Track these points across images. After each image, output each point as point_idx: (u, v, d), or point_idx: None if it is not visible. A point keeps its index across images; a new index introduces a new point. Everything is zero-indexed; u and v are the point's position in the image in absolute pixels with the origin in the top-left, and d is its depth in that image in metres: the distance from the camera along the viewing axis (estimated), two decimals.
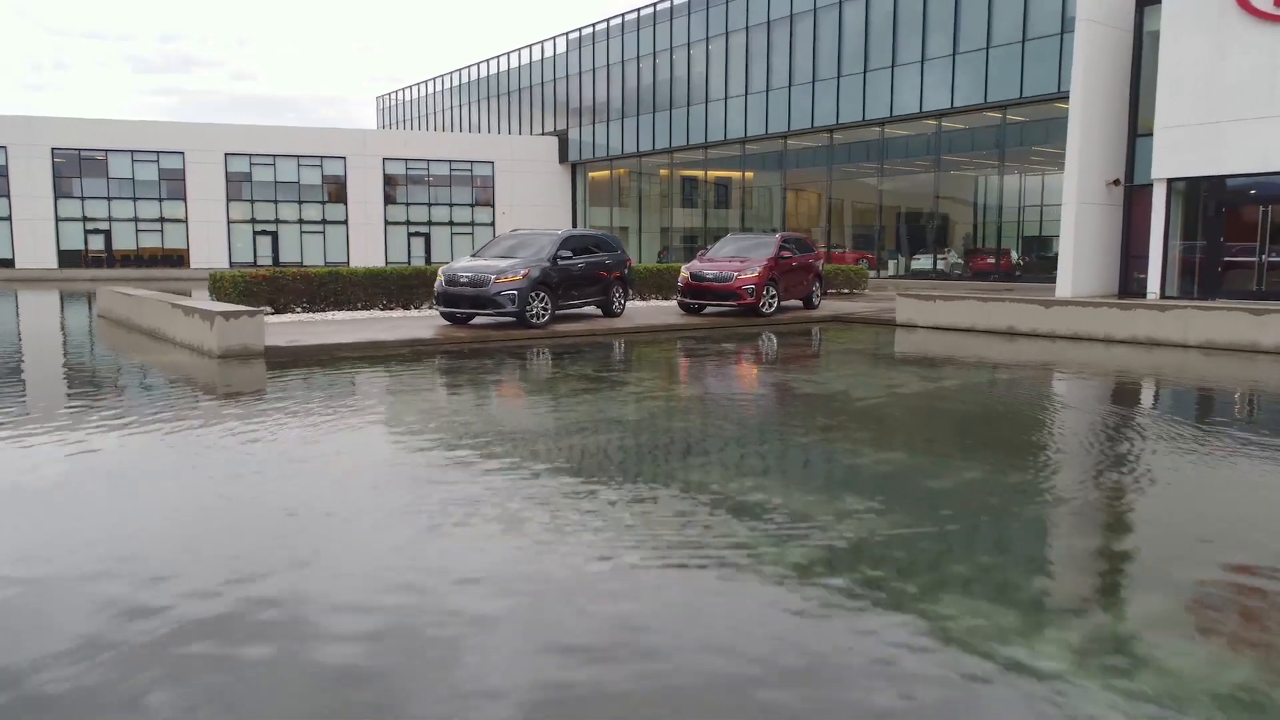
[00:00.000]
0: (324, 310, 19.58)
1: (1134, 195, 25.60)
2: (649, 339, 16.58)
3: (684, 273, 19.76)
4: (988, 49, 35.42)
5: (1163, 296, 23.56)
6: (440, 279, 16.85)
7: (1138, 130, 25.75)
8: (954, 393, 10.49)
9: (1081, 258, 24.93)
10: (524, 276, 16.35)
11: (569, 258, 17.45)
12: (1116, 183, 25.50)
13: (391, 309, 20.31)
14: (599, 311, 19.23)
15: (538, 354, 14.31)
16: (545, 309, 16.69)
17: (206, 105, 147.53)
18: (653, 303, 23.52)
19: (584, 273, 18.04)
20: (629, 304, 21.81)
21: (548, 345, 15.36)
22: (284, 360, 12.96)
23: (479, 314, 16.65)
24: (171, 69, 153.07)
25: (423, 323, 17.42)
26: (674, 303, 22.84)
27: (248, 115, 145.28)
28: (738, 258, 19.95)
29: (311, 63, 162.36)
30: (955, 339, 16.62)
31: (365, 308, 20.12)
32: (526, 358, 13.81)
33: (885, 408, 9.42)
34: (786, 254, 20.14)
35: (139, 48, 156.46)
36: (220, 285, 19.04)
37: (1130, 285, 25.47)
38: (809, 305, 21.71)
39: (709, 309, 19.97)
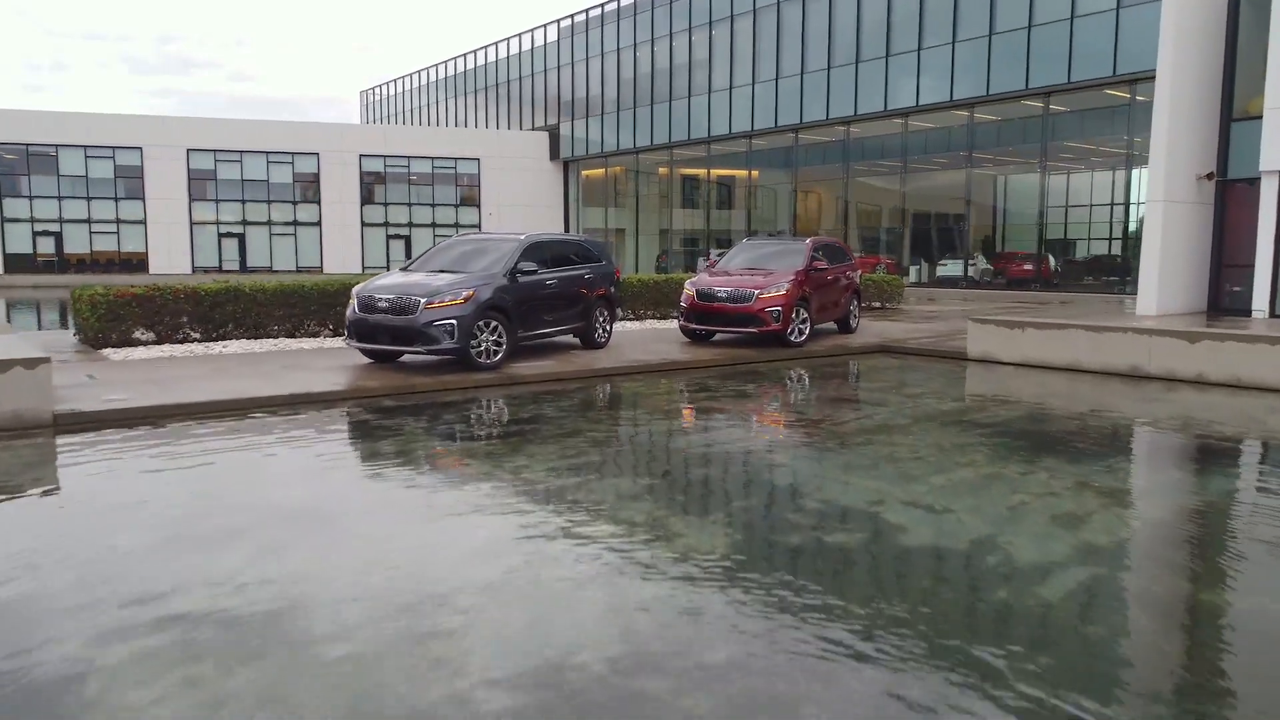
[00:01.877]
0: (222, 339, 14.68)
1: (1228, 192, 20.68)
2: (641, 387, 11.68)
3: (688, 289, 14.85)
4: (1030, 28, 30.51)
5: (1272, 314, 18.76)
6: (353, 302, 11.95)
7: (1232, 114, 20.86)
8: (1209, 543, 5.62)
9: (1168, 267, 20.03)
10: (467, 299, 11.44)
11: (533, 271, 12.53)
12: (1210, 176, 20.59)
13: (317, 334, 15.40)
14: (577, 341, 14.35)
15: (470, 421, 9.41)
16: (499, 343, 11.79)
17: (205, 106, 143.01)
18: (648, 324, 18.59)
19: (556, 291, 13.14)
20: (619, 325, 16.91)
21: (493, 401, 10.47)
22: (82, 435, 8.06)
23: (407, 351, 11.74)
24: (170, 70, 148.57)
25: (335, 360, 12.52)
26: (674, 324, 17.97)
27: (246, 116, 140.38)
28: (758, 270, 15.03)
29: (310, 63, 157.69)
30: (1062, 384, 11.72)
31: (281, 333, 15.22)
32: (449, 430, 8.89)
33: (1112, 619, 4.54)
34: (819, 265, 15.24)
35: (137, 49, 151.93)
36: (79, 307, 14.12)
37: (1222, 300, 20.58)
38: (845, 329, 16.79)
39: (720, 334, 15.09)
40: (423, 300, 11.28)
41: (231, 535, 5.37)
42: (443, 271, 12.31)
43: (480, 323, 11.56)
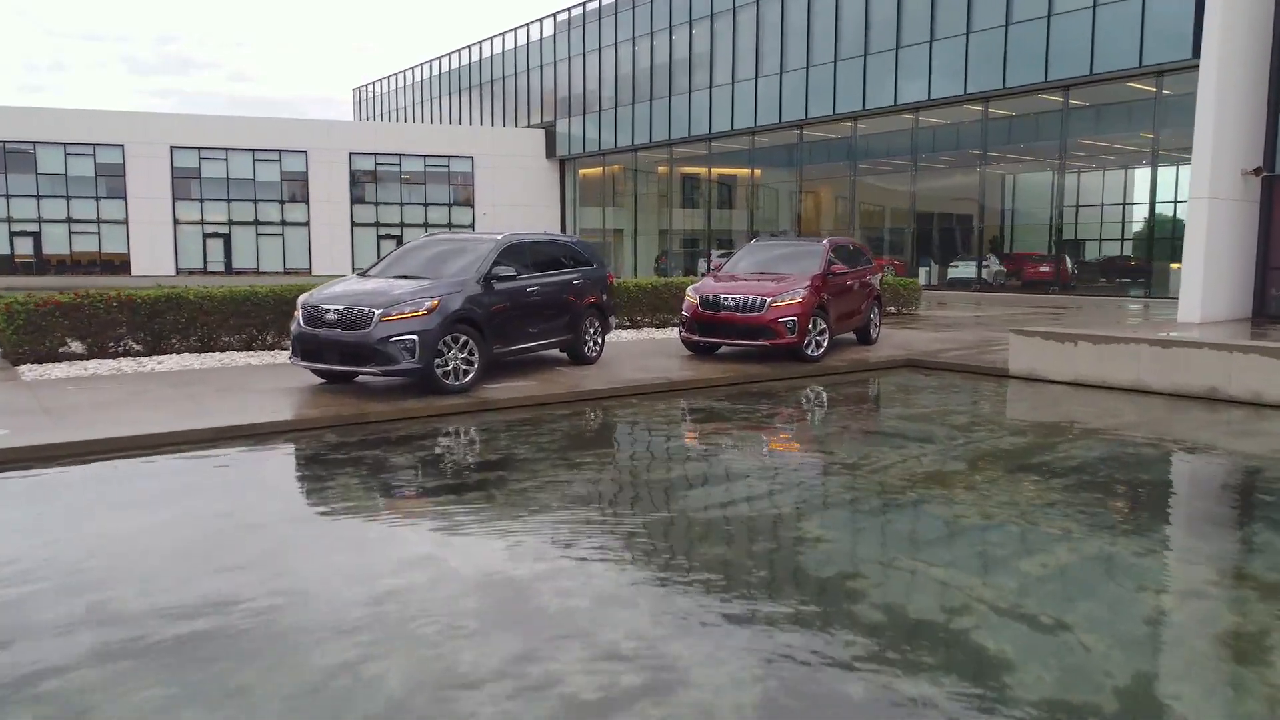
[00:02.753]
0: (164, 352, 12.87)
1: (1276, 188, 18.88)
2: (636, 414, 9.86)
3: (691, 297, 13.01)
4: (1049, 17, 28.68)
5: None
6: (298, 314, 10.11)
7: None
8: None
9: (1212, 270, 18.19)
10: (430, 310, 9.61)
11: (511, 277, 10.70)
12: (1257, 171, 18.75)
13: (274, 346, 13.57)
14: (564, 355, 12.52)
15: (424, 464, 7.55)
16: (469, 361, 9.96)
17: (204, 107, 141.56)
18: (645, 333, 16.76)
19: (538, 299, 11.32)
20: (612, 336, 15.10)
21: (458, 435, 8.65)
22: None
23: (360, 371, 9.86)
24: (169, 70, 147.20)
25: (283, 379, 10.68)
26: (674, 333, 16.17)
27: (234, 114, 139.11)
28: (769, 275, 13.20)
29: (309, 63, 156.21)
30: (1132, 410, 9.89)
31: (235, 345, 13.42)
32: (394, 481, 7.07)
33: None
34: (838, 269, 13.41)
35: (136, 49, 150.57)
36: None
37: (1269, 306, 18.76)
38: (865, 339, 14.96)
39: (726, 347, 13.25)
40: (377, 312, 9.44)
41: (24, 683, 3.54)
42: (405, 277, 10.48)
43: (448, 338, 9.74)
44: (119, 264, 42.39)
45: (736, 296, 12.47)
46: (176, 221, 42.71)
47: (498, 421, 9.03)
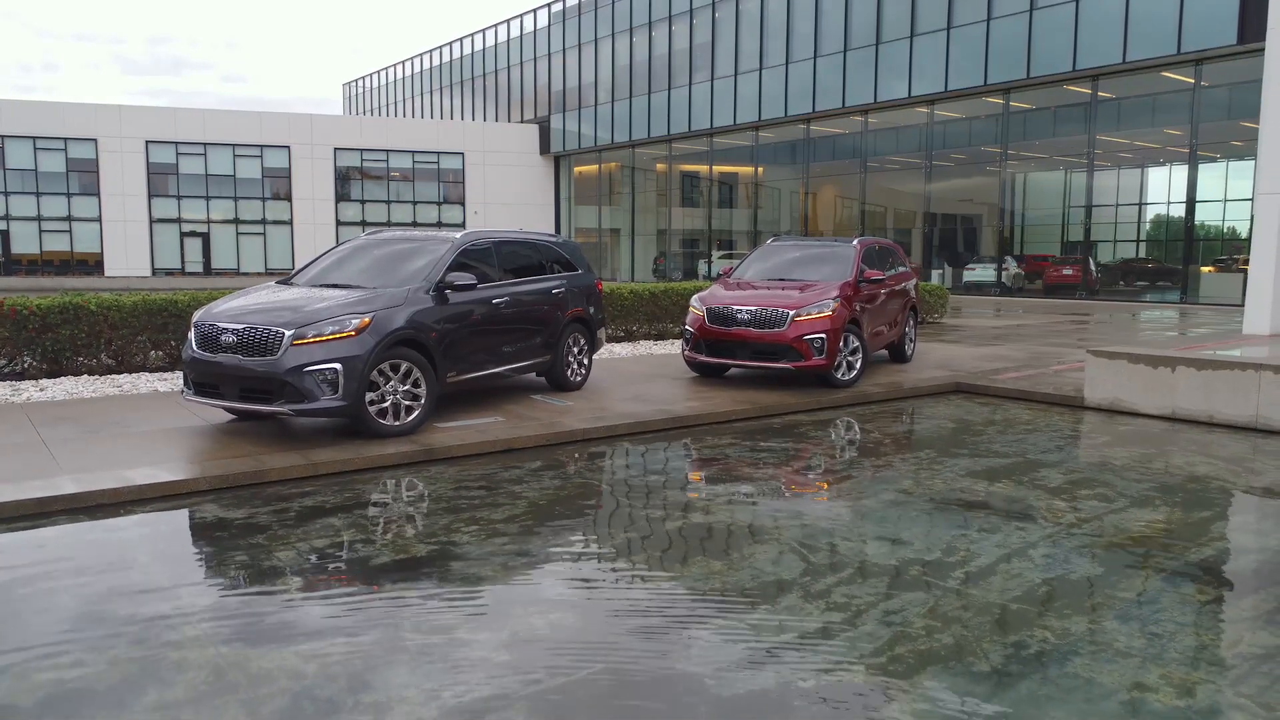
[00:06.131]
0: (65, 372, 10.60)
1: None
2: (627, 467, 7.55)
3: (696, 309, 10.67)
4: (1078, 1, 26.39)
5: None
6: (191, 334, 7.77)
7: None
8: None
9: None
10: (359, 330, 7.28)
11: (470, 285, 8.37)
12: None
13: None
14: (543, 380, 10.21)
15: (314, 562, 5.17)
16: (414, 395, 7.64)
17: (197, 106, 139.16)
18: (642, 347, 14.42)
19: (508, 313, 9.00)
20: (603, 352, 12.83)
21: (384, 507, 6.32)
22: None
23: (266, 411, 7.44)
24: (161, 71, 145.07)
25: (182, 414, 8.35)
26: (673, 345, 13.88)
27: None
28: (790, 282, 10.88)
29: (303, 64, 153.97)
30: (1269, 460, 7.60)
31: (158, 362, 11.19)
32: (256, 599, 4.71)
33: None
34: (872, 275, 11.08)
35: (129, 50, 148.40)
36: None
37: None
38: (899, 357, 12.65)
39: (737, 366, 10.91)
40: (288, 334, 7.12)
41: None
42: (336, 286, 8.17)
43: (385, 365, 7.43)
44: (93, 264, 40.08)
45: (752, 309, 10.14)
46: (152, 220, 40.34)
47: (444, 480, 6.70)
